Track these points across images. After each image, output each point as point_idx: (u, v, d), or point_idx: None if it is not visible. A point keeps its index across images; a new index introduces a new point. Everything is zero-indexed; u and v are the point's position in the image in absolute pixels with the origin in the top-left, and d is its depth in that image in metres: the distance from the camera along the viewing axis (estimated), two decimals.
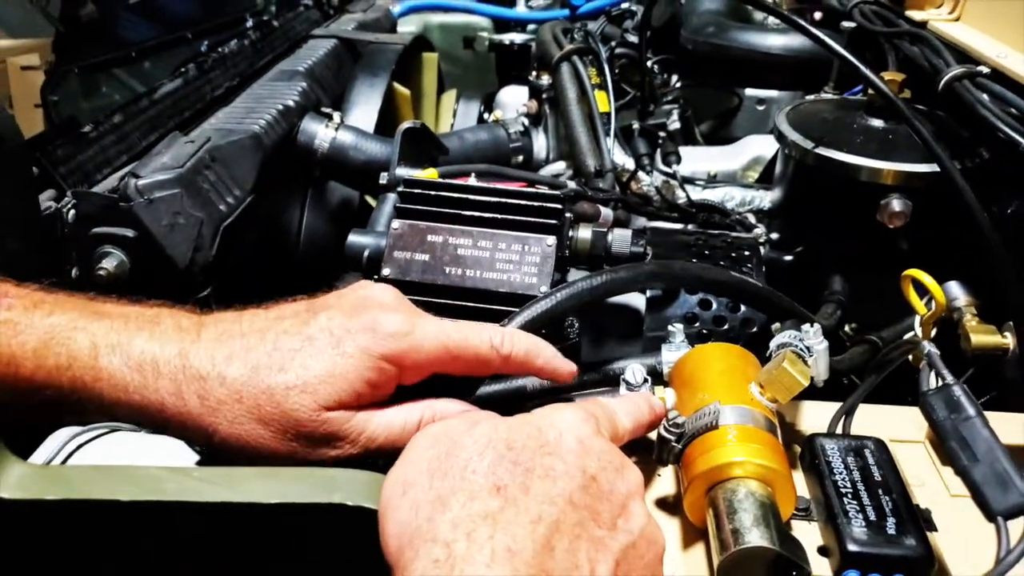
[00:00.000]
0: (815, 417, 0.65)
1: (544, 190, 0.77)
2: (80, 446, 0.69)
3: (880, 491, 0.52)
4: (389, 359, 0.52)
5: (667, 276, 0.69)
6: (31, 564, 0.49)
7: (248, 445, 0.50)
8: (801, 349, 0.57)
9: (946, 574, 0.50)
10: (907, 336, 0.69)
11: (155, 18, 1.63)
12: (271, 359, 0.51)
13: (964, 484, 0.45)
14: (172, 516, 0.47)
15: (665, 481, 0.60)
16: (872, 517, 0.50)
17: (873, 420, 0.64)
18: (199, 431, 0.51)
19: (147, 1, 1.92)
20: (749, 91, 1.43)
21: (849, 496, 0.51)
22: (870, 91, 0.96)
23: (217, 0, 1.65)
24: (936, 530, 0.53)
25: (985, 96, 0.87)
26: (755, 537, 0.47)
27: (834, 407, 0.64)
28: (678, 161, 1.14)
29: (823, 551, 0.52)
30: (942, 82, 0.91)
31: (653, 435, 0.56)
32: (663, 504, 0.58)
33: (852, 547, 0.48)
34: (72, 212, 0.85)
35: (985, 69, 0.90)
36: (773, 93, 1.44)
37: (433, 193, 0.76)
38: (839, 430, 0.60)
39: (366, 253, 0.78)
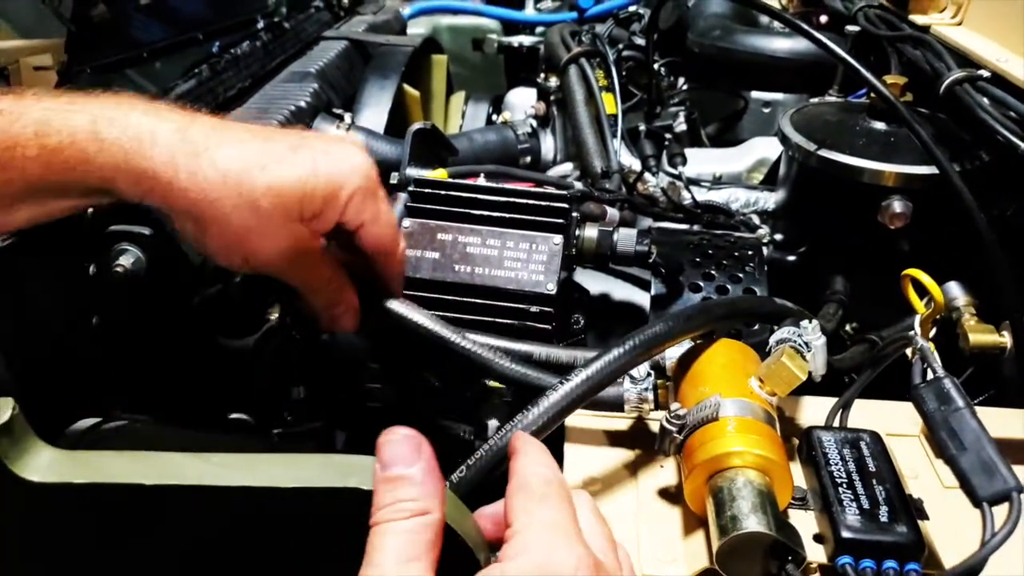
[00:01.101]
0: (814, 411, 0.67)
1: (551, 190, 0.79)
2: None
3: (874, 481, 0.53)
4: (346, 186, 0.58)
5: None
6: (58, 544, 0.51)
7: (221, 227, 0.56)
8: (800, 344, 0.58)
9: (936, 560, 0.52)
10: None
11: (167, 19, 1.65)
12: (259, 156, 0.56)
13: (952, 472, 0.47)
14: (193, 499, 0.49)
15: (667, 471, 0.62)
16: (866, 506, 0.51)
17: (871, 414, 0.66)
18: (183, 205, 0.55)
19: (159, 2, 1.95)
20: (755, 94, 1.44)
21: (844, 486, 0.53)
22: (872, 94, 0.98)
23: (228, 1, 1.67)
24: (928, 519, 0.54)
25: (985, 100, 0.89)
26: (752, 523, 0.49)
27: (833, 402, 0.66)
28: (683, 163, 1.16)
29: (818, 538, 0.54)
30: (943, 85, 0.93)
31: (656, 427, 0.58)
32: (665, 494, 0.60)
33: (846, 534, 0.50)
34: (90, 210, 0.87)
35: (986, 73, 0.92)
36: (779, 96, 1.45)
37: (443, 192, 0.78)
38: (836, 423, 0.62)
39: None
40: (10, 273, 0.76)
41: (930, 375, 0.55)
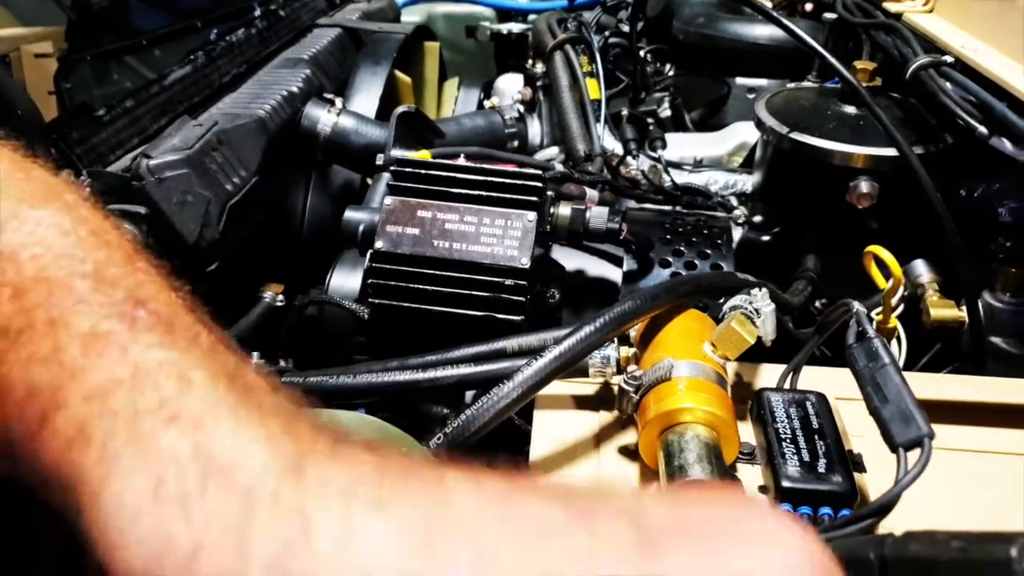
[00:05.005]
0: (771, 376, 0.71)
1: (526, 169, 0.83)
2: None
3: (816, 437, 0.57)
4: None
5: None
6: None
7: None
8: (750, 311, 0.62)
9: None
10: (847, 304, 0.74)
11: (166, 7, 1.69)
12: None
13: (875, 421, 0.51)
14: None
15: (627, 431, 0.66)
16: (806, 459, 0.55)
17: (825, 380, 0.70)
18: None
19: None
20: (739, 80, 1.47)
21: (788, 441, 0.57)
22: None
23: None
24: (865, 471, 0.58)
25: (948, 84, 0.92)
26: (697, 472, 0.53)
27: None
28: (663, 147, 1.19)
29: (763, 489, 0.57)
30: (910, 71, 0.96)
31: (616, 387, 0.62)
32: (624, 451, 0.64)
33: (785, 483, 0.54)
34: (88, 190, 0.90)
35: (950, 59, 0.95)
36: (763, 81, 1.48)
37: (423, 171, 0.81)
38: (787, 386, 0.66)
39: (361, 228, 0.84)
40: None
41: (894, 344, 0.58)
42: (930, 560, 0.35)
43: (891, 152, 0.93)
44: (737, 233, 1.05)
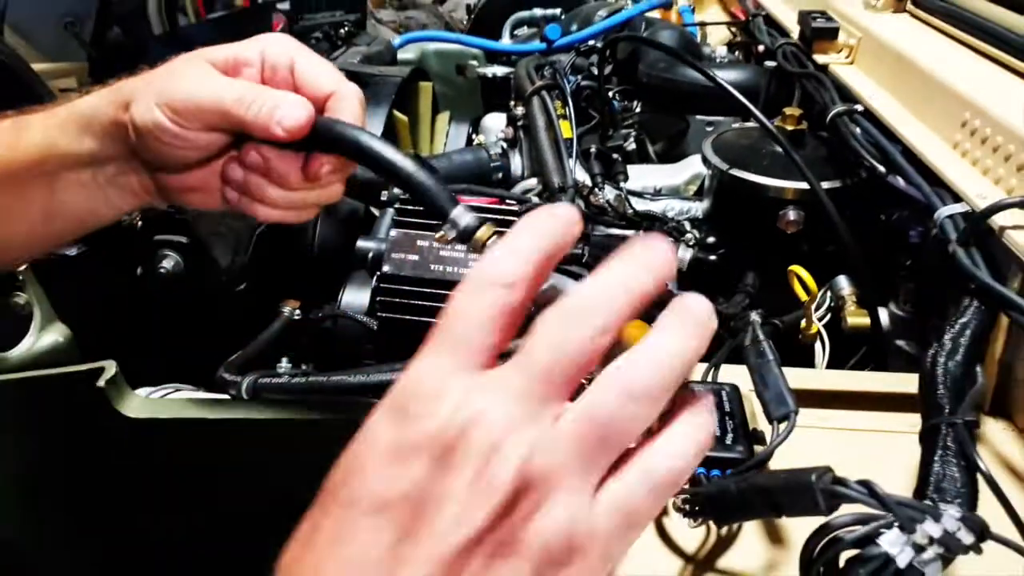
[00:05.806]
0: (699, 372, 0.88)
1: (505, 205, 1.00)
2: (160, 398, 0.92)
3: (726, 418, 0.75)
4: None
5: None
6: (148, 460, 0.73)
7: None
8: None
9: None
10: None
11: (180, 47, 1.86)
12: None
13: (759, 402, 0.69)
14: (237, 427, 0.70)
15: None
16: (716, 433, 0.73)
17: (741, 375, 0.87)
18: None
19: (172, 31, 2.18)
20: (698, 116, 1.66)
21: None
22: (778, 121, 1.20)
23: (234, 32, 1.87)
24: (766, 444, 0.75)
25: (857, 129, 1.10)
26: None
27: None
28: (626, 179, 1.37)
29: None
30: (828, 117, 1.14)
31: None
32: None
33: None
34: (140, 223, 1.08)
35: (860, 107, 1.13)
36: (720, 118, 1.66)
37: (421, 208, 0.99)
38: (710, 379, 0.83)
39: (370, 254, 1.01)
40: (79, 273, 0.97)
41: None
42: (767, 487, 0.53)
43: None
44: (689, 254, 1.23)
